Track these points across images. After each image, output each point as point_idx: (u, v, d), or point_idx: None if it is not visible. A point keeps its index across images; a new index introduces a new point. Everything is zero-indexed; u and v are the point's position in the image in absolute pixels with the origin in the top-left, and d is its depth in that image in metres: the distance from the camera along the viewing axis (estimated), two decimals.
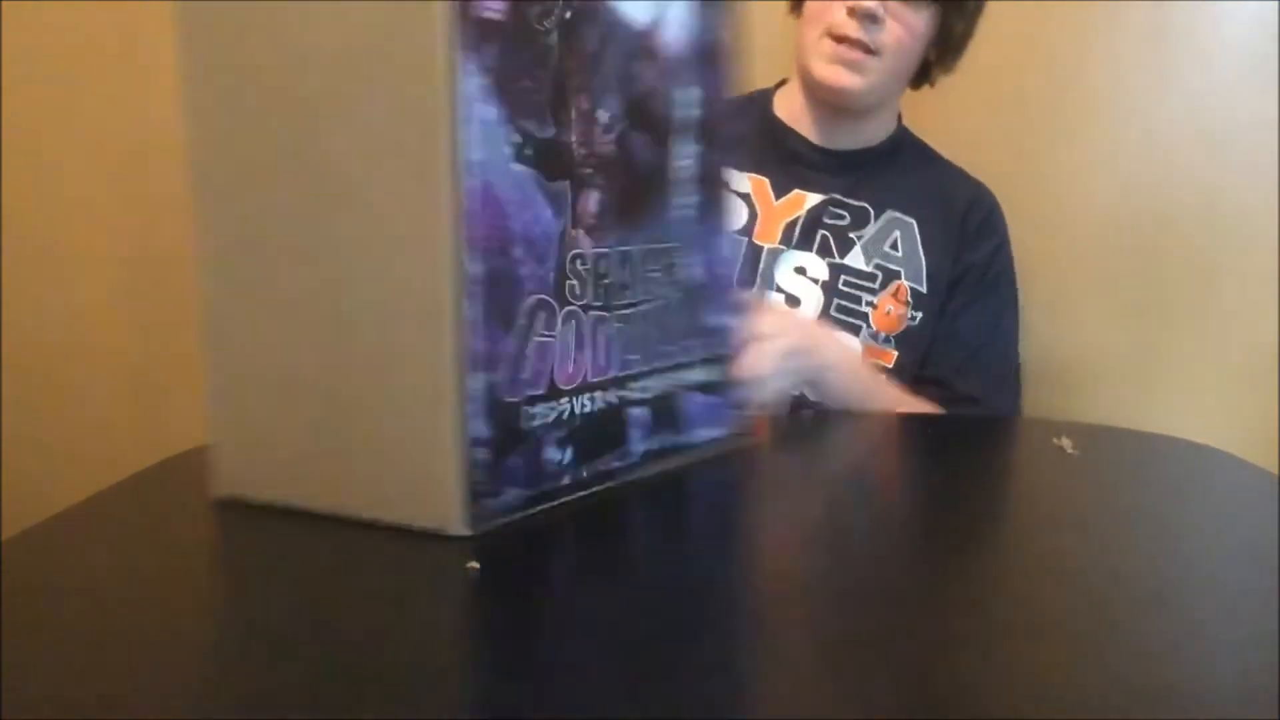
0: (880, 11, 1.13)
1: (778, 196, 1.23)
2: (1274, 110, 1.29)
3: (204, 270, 0.68)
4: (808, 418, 1.04)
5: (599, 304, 0.69)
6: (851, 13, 1.14)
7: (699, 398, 0.77)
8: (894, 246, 1.22)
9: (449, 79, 0.60)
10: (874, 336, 1.19)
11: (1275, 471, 0.78)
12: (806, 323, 1.17)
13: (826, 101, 1.22)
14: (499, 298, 0.63)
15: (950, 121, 1.36)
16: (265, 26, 0.66)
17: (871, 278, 1.21)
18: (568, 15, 0.65)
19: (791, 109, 1.27)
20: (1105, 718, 0.42)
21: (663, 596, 0.55)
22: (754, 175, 1.24)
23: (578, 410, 0.68)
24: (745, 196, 1.23)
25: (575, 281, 0.67)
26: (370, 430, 0.66)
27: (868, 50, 1.15)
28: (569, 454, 0.68)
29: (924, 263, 1.22)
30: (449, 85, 0.60)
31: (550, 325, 0.66)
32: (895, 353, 1.20)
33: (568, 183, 0.66)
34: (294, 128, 0.67)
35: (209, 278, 0.68)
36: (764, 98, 1.30)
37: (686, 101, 0.74)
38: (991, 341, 1.23)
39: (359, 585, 0.59)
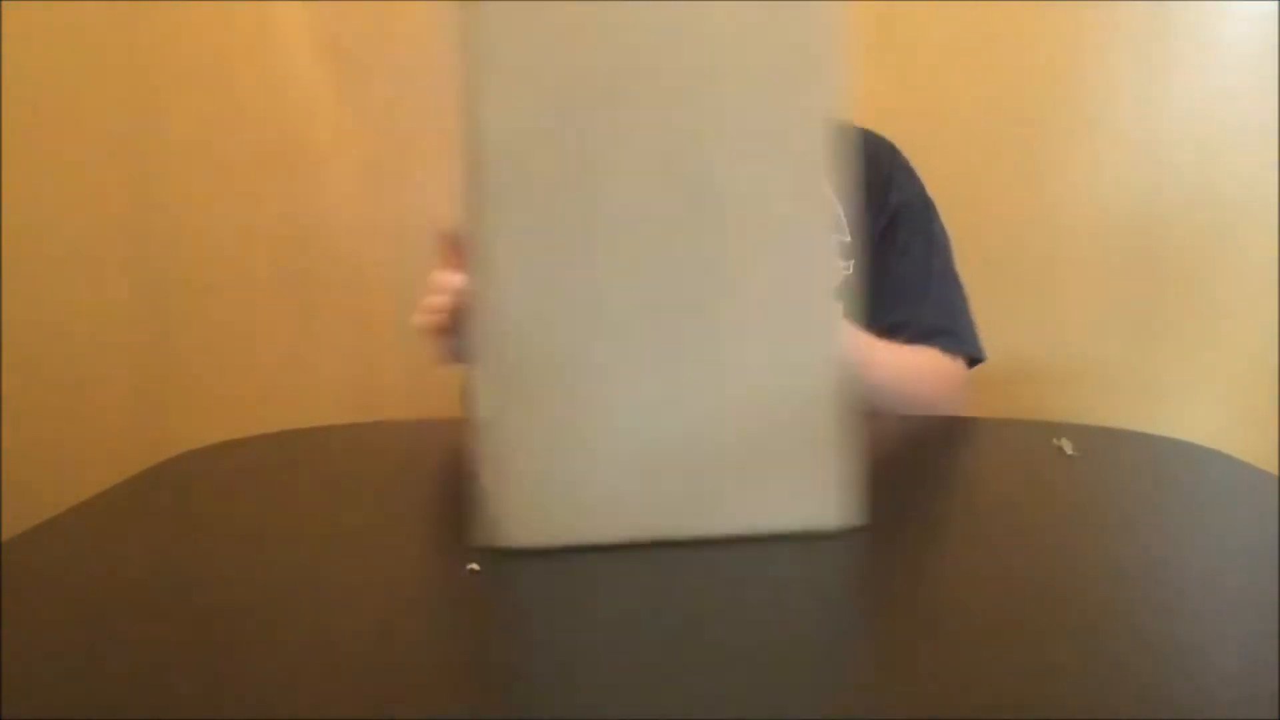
0: None
1: None
2: (1274, 110, 1.29)
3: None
4: None
5: None
6: None
7: None
8: None
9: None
10: None
11: (1275, 472, 0.78)
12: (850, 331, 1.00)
13: None
14: None
15: (950, 122, 1.36)
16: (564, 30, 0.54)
17: None
18: None
19: None
20: (1104, 718, 0.42)
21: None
22: None
23: None
24: None
25: None
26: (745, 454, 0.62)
27: None
28: None
29: (842, 213, 1.20)
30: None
31: None
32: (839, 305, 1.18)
33: None
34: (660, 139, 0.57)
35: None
36: None
37: None
38: (942, 270, 1.22)
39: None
